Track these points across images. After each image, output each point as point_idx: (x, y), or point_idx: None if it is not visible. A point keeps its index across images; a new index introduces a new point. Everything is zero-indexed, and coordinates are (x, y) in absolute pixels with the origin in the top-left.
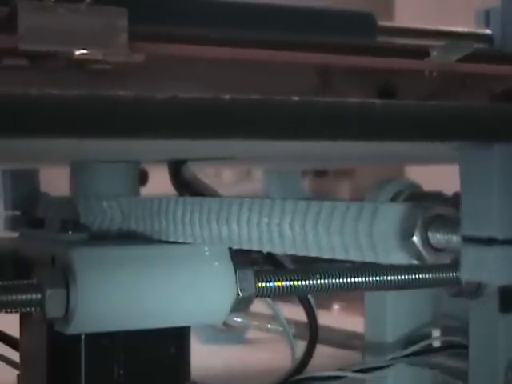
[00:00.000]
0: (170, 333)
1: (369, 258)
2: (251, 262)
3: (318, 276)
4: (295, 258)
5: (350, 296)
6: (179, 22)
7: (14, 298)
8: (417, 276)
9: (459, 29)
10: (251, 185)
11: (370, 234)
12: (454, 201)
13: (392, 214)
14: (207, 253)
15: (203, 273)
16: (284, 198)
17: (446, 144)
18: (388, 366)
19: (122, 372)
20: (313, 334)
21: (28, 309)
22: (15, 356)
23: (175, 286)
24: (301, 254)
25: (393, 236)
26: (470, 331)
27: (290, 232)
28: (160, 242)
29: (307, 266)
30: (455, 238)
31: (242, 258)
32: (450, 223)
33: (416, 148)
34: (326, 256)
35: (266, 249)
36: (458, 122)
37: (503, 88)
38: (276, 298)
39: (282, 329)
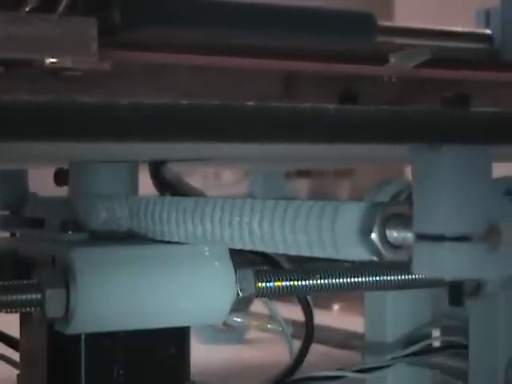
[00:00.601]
0: (170, 333)
1: (331, 254)
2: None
3: (317, 276)
4: (291, 258)
5: (350, 296)
6: (146, 30)
7: (14, 297)
8: (417, 276)
9: (459, 29)
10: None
11: (331, 231)
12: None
13: (352, 213)
14: (207, 253)
15: (203, 273)
16: (254, 198)
17: (397, 146)
18: (388, 366)
19: (121, 372)
20: (309, 333)
21: (28, 309)
22: (15, 356)
23: (175, 286)
24: (269, 250)
25: (353, 233)
26: (469, 331)
27: (258, 230)
28: (160, 242)
29: (303, 265)
30: (410, 236)
31: (241, 258)
32: (406, 221)
33: (374, 149)
34: (293, 253)
35: (237, 246)
36: (409, 125)
37: (455, 92)
38: (276, 297)
39: (281, 329)
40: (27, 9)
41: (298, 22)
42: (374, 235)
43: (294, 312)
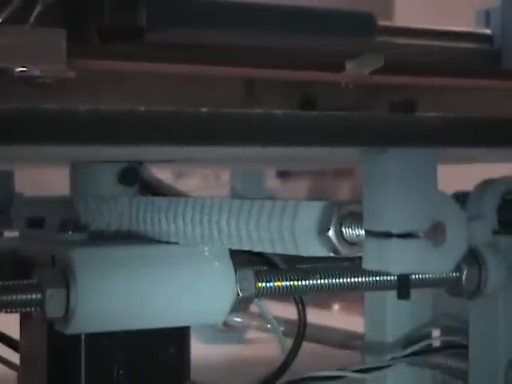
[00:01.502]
0: (170, 333)
1: (291, 251)
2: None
3: (317, 276)
4: (286, 258)
5: (350, 296)
6: (112, 40)
7: (14, 297)
8: (417, 276)
9: (459, 29)
10: None
11: (291, 229)
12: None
13: (311, 212)
14: (207, 253)
15: (203, 273)
16: (222, 198)
17: (348, 149)
18: (388, 366)
19: (122, 372)
20: (301, 329)
21: (28, 309)
22: (15, 356)
23: (175, 286)
24: (236, 247)
25: (311, 231)
26: (469, 331)
27: (226, 228)
28: (160, 242)
29: (301, 265)
30: (364, 233)
31: (241, 258)
32: (360, 219)
33: (326, 152)
34: (257, 249)
35: (207, 243)
36: (356, 129)
37: (405, 98)
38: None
39: (282, 328)
40: (0, 20)
41: (298, 22)
42: (330, 233)
43: (289, 311)
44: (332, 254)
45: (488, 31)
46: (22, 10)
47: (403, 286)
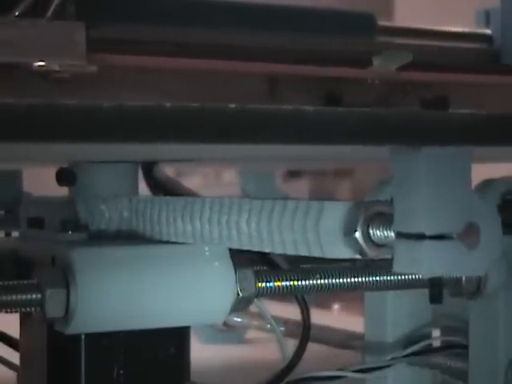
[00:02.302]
0: (169, 333)
1: (315, 253)
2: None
3: (317, 276)
4: (289, 258)
5: (350, 296)
6: (134, 34)
7: (14, 297)
8: (417, 276)
9: (459, 29)
10: None
11: (316, 230)
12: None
13: (336, 212)
14: (207, 253)
15: (203, 273)
16: (241, 197)
17: (377, 147)
18: (388, 366)
19: (121, 372)
20: (305, 332)
21: (28, 309)
22: (14, 357)
23: (175, 286)
24: (256, 249)
25: (337, 232)
26: (470, 331)
27: (246, 229)
28: (160, 242)
29: (301, 265)
30: (392, 234)
31: (241, 258)
32: (389, 220)
33: (355, 150)
34: (279, 251)
35: (225, 244)
36: (388, 127)
37: (435, 94)
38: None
39: (282, 329)
40: (17, 13)
41: (298, 22)
42: (357, 234)
43: (289, 311)
44: (358, 256)
45: (488, 31)
46: (39, 2)
47: (435, 289)
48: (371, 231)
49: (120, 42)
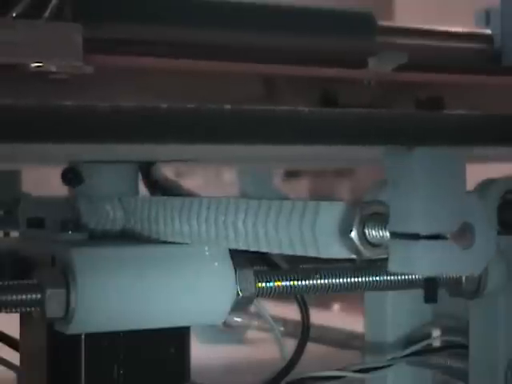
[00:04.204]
0: (170, 333)
1: (311, 252)
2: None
3: (317, 276)
4: (288, 258)
5: (350, 296)
6: (130, 34)
7: (14, 297)
8: (417, 276)
9: (459, 29)
10: None
11: (312, 230)
12: None
13: (332, 212)
14: (207, 253)
15: (203, 273)
16: (238, 197)
17: (372, 147)
18: (388, 366)
19: (122, 372)
20: (304, 332)
21: (28, 309)
22: (14, 357)
23: (175, 286)
24: (253, 249)
25: (333, 232)
26: (470, 331)
27: (243, 229)
28: (160, 242)
29: (300, 265)
30: (388, 234)
31: (241, 258)
32: (384, 221)
33: (349, 151)
34: (275, 251)
35: (222, 244)
36: (382, 127)
37: (428, 96)
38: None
39: (282, 328)
40: (14, 14)
41: (298, 22)
42: (353, 234)
43: (288, 311)
44: (354, 256)
45: (488, 31)
46: (36, 4)
47: (430, 288)
48: (367, 231)
49: (117, 43)
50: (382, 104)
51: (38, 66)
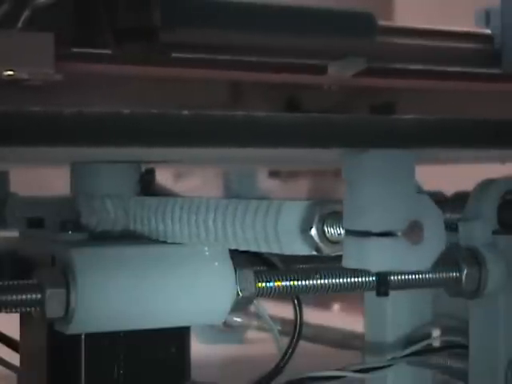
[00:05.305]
0: (170, 333)
1: (275, 250)
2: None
3: (317, 276)
4: (286, 258)
5: (350, 296)
6: (101, 44)
7: (13, 297)
8: (417, 276)
9: (459, 29)
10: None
11: (275, 228)
12: (452, 201)
13: (294, 211)
14: (207, 253)
15: (203, 273)
16: (209, 197)
17: (328, 150)
18: (388, 366)
19: (122, 372)
20: (297, 329)
21: (28, 309)
22: (14, 357)
23: (175, 286)
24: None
25: (294, 230)
26: (470, 331)
27: (213, 227)
28: (160, 242)
29: (297, 265)
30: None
31: (241, 258)
32: (342, 219)
33: (308, 153)
34: (243, 248)
35: (195, 243)
36: (338, 131)
37: (383, 101)
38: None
39: (279, 328)
40: None
41: (298, 22)
42: (313, 232)
43: (287, 310)
44: (314, 253)
45: (488, 31)
46: (10, 14)
47: (382, 283)
48: (326, 229)
49: (86, 52)
50: (342, 108)
51: (10, 75)
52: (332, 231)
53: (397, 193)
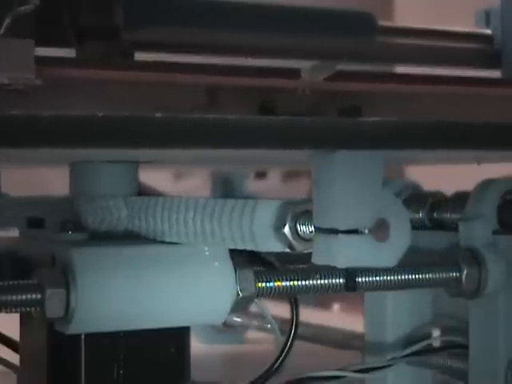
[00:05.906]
0: (170, 333)
1: (251, 247)
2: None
3: (317, 276)
4: (285, 259)
5: (350, 296)
6: (63, 43)
7: (13, 298)
8: (417, 276)
9: (459, 29)
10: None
11: (250, 226)
12: (452, 201)
13: (268, 210)
14: (207, 253)
15: (203, 273)
16: (189, 197)
17: (299, 151)
18: (388, 366)
19: (121, 372)
20: (292, 329)
21: (28, 309)
22: (14, 357)
23: (175, 286)
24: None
25: (268, 228)
26: (470, 331)
27: (192, 226)
28: (160, 242)
29: (297, 265)
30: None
31: (241, 258)
32: (313, 217)
33: (279, 154)
34: (221, 246)
35: (175, 241)
36: (307, 133)
37: (350, 104)
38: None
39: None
40: None
41: (298, 22)
42: (286, 229)
43: (285, 310)
44: (288, 250)
45: (488, 31)
46: None
47: (350, 278)
48: (298, 227)
49: (65, 58)
50: (316, 112)
51: None
52: (304, 229)
53: (364, 192)
